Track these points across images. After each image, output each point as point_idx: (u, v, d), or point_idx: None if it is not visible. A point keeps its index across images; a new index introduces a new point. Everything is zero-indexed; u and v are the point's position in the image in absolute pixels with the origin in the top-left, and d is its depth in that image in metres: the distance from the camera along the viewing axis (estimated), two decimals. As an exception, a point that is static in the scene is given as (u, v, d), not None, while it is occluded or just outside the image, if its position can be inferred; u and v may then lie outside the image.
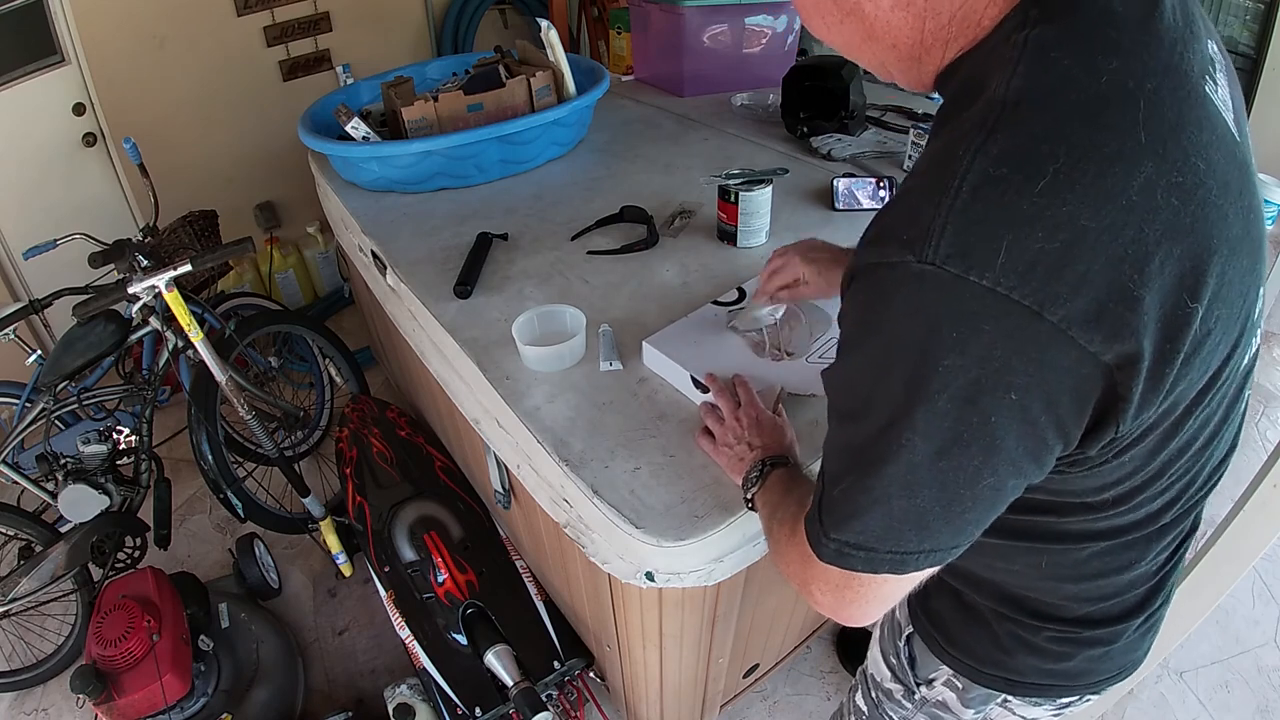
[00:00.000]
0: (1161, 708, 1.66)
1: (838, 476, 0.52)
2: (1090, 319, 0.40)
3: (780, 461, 0.82)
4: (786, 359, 1.04)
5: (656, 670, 1.23)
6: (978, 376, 0.42)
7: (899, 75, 0.56)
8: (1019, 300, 0.40)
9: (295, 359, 2.50)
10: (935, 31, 0.49)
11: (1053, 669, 0.73)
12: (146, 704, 1.37)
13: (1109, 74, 0.42)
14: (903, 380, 0.44)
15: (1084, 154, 0.40)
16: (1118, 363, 0.42)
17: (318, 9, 2.85)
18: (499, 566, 1.59)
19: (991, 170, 0.41)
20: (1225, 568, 1.22)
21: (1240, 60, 2.36)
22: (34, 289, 2.41)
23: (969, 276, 0.40)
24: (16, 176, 2.39)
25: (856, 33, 0.53)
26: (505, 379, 1.10)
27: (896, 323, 0.44)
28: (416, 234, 1.52)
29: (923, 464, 0.46)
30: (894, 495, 0.48)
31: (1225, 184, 0.44)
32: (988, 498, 0.48)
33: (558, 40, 1.79)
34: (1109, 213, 0.40)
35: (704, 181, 1.55)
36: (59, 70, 2.39)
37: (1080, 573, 0.65)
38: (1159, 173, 0.41)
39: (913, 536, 0.49)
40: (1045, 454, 0.47)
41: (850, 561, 0.52)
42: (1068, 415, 0.45)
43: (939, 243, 0.41)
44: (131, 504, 1.85)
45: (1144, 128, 0.41)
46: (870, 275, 0.46)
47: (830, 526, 0.52)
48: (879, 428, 0.47)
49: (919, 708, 0.87)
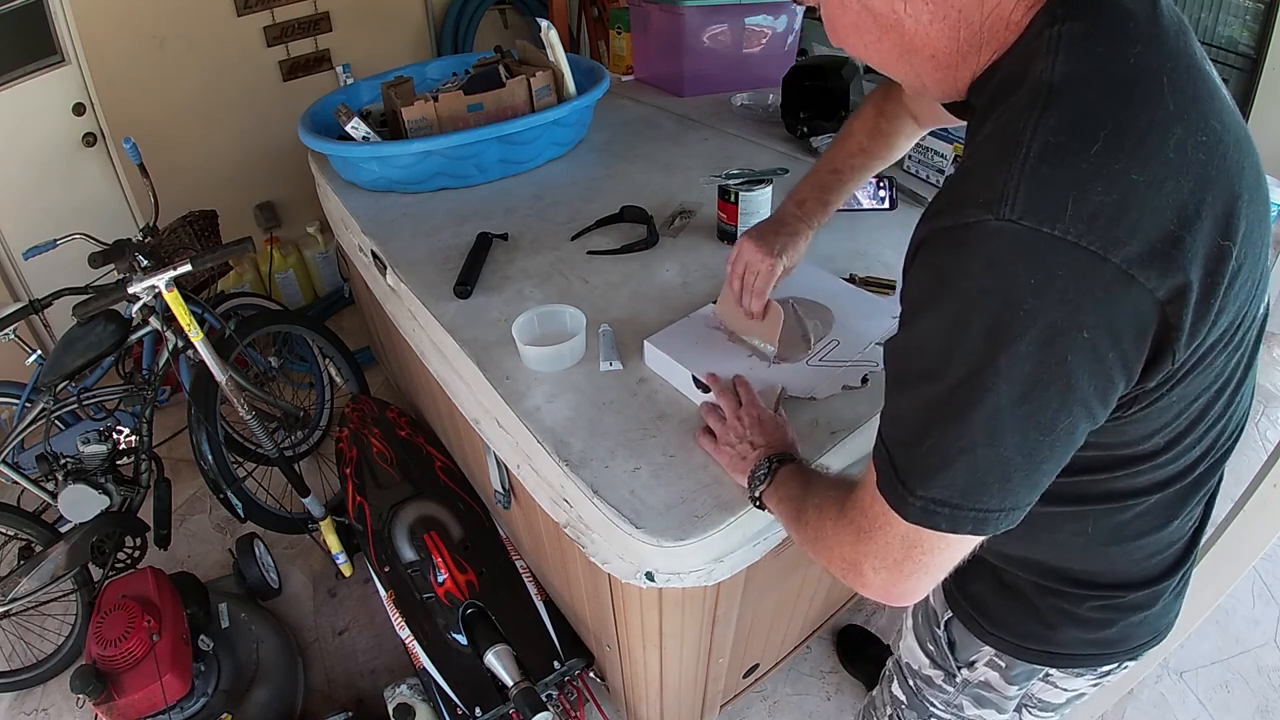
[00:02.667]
0: (1161, 708, 1.66)
1: (918, 436, 0.53)
2: (1145, 259, 0.45)
3: (786, 458, 0.82)
4: (790, 362, 1.04)
5: (656, 670, 1.23)
6: (1054, 319, 0.46)
7: (933, 85, 0.60)
8: (1086, 246, 0.45)
9: (295, 359, 2.50)
10: (969, 38, 0.54)
11: (1095, 637, 0.76)
12: (146, 704, 1.37)
13: (1134, 58, 0.48)
14: (984, 329, 0.48)
15: (1126, 121, 0.46)
16: (1169, 297, 0.47)
17: (318, 9, 2.85)
18: (499, 566, 1.59)
19: (1052, 138, 0.46)
20: (1225, 568, 1.22)
21: (1240, 60, 2.36)
22: (34, 289, 2.40)
23: (1042, 228, 0.45)
24: (16, 176, 2.38)
25: (895, 47, 0.57)
26: (505, 379, 1.10)
27: (976, 276, 0.48)
28: (416, 234, 1.52)
29: (1007, 408, 0.49)
30: (980, 444, 0.50)
31: (1238, 142, 0.51)
32: (1062, 443, 0.51)
33: (558, 40, 1.79)
34: (1153, 168, 0.46)
35: (704, 181, 1.55)
36: (59, 70, 2.39)
37: (1123, 534, 0.69)
38: (1187, 133, 0.47)
39: (996, 491, 0.52)
40: (1111, 393, 0.51)
41: (935, 520, 0.53)
42: (1131, 350, 0.49)
43: (1014, 201, 0.46)
44: (131, 504, 1.85)
45: (1170, 99, 0.48)
46: (947, 237, 0.50)
47: (916, 483, 0.53)
48: (961, 378, 0.49)
49: (961, 690, 0.90)
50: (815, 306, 1.14)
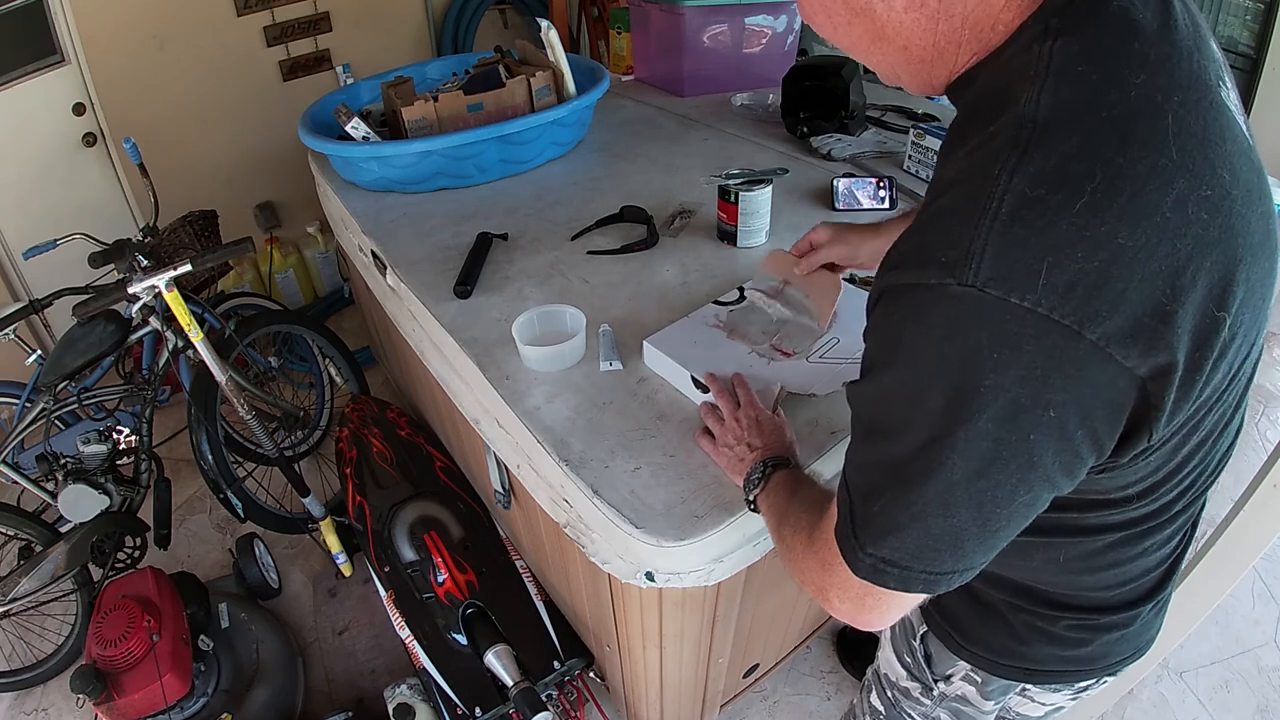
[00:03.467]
0: (1161, 708, 1.66)
1: (873, 492, 0.51)
2: (1127, 335, 0.41)
3: (781, 462, 0.82)
4: (786, 358, 1.04)
5: (656, 670, 1.23)
6: (1017, 396, 0.42)
7: (907, 79, 0.55)
8: (1059, 320, 0.40)
9: (295, 359, 2.50)
10: (948, 34, 0.49)
11: (1071, 655, 0.74)
12: (146, 704, 1.37)
13: (1137, 89, 0.42)
14: (942, 400, 0.44)
15: (1119, 173, 0.40)
16: (1151, 375, 0.43)
17: (318, 9, 2.85)
18: (499, 566, 1.59)
19: (1029, 191, 0.41)
20: (1225, 568, 1.22)
21: (1240, 60, 2.36)
22: (34, 289, 2.41)
23: (1010, 298, 0.40)
24: (16, 176, 2.39)
25: (866, 33, 0.52)
26: (505, 379, 1.10)
27: (935, 344, 0.44)
28: (416, 234, 1.52)
29: (961, 483, 0.46)
30: (931, 514, 0.48)
31: (1247, 192, 0.45)
32: (1021, 514, 0.49)
33: (558, 40, 1.79)
34: (1144, 231, 0.40)
35: (704, 181, 1.55)
36: (59, 70, 2.39)
37: (1096, 564, 0.66)
38: (1189, 188, 0.41)
39: (947, 556, 0.50)
40: (1079, 467, 0.47)
41: (884, 578, 0.52)
42: (1102, 428, 0.45)
43: (979, 265, 0.41)
44: (131, 504, 1.85)
45: (1174, 143, 0.41)
46: (906, 295, 0.46)
47: (866, 541, 0.52)
48: (916, 447, 0.47)
49: (938, 703, 0.89)
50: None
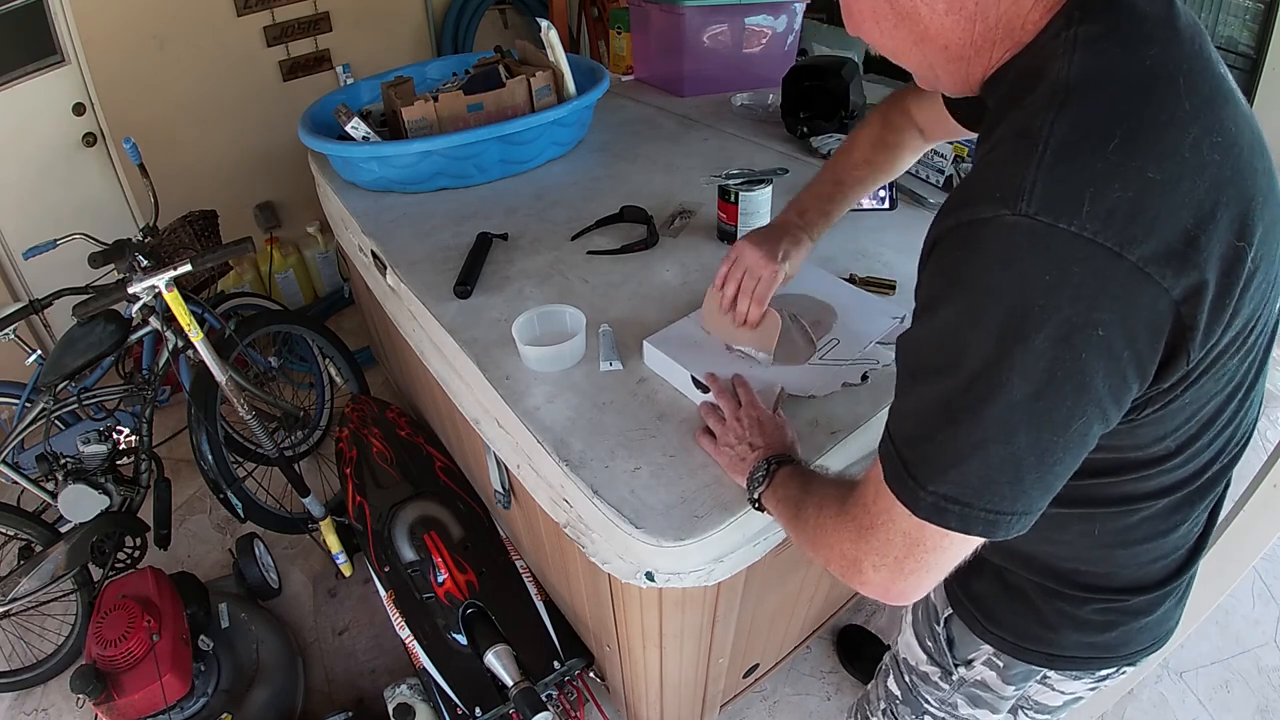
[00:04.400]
0: (1161, 708, 1.66)
1: (930, 431, 0.53)
2: (1162, 257, 0.45)
3: (784, 460, 0.82)
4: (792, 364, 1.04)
5: (656, 670, 1.23)
6: (1069, 315, 0.46)
7: (945, 77, 0.60)
8: (1103, 243, 0.45)
9: (295, 359, 2.50)
10: (984, 33, 0.55)
11: (1095, 641, 0.76)
12: (146, 704, 1.37)
13: (1151, 59, 0.49)
14: (999, 324, 0.47)
15: (1143, 120, 0.46)
16: (1184, 296, 0.47)
17: (318, 9, 2.85)
18: (499, 566, 1.59)
19: (1068, 136, 0.47)
20: (1225, 568, 1.22)
21: (1240, 60, 2.35)
22: (34, 289, 2.41)
23: (1059, 224, 0.45)
24: (16, 176, 2.38)
25: (909, 36, 0.57)
26: (505, 379, 1.10)
27: (991, 271, 0.48)
28: (416, 234, 1.52)
29: (1020, 405, 0.48)
30: (992, 440, 0.50)
31: (1251, 145, 0.51)
32: (1075, 445, 0.51)
33: (558, 40, 1.79)
34: (1169, 166, 0.46)
35: (704, 181, 1.55)
36: (59, 70, 2.39)
37: (1130, 538, 0.69)
38: (1203, 133, 0.47)
39: (1007, 491, 0.51)
40: (1125, 394, 0.50)
41: (946, 517, 0.53)
42: (1145, 350, 0.49)
43: (1031, 196, 0.46)
44: (131, 504, 1.85)
45: (1186, 99, 0.48)
46: (962, 232, 0.50)
47: (927, 479, 0.53)
48: (974, 373, 0.49)
49: (957, 688, 0.90)
50: (817, 304, 1.15)
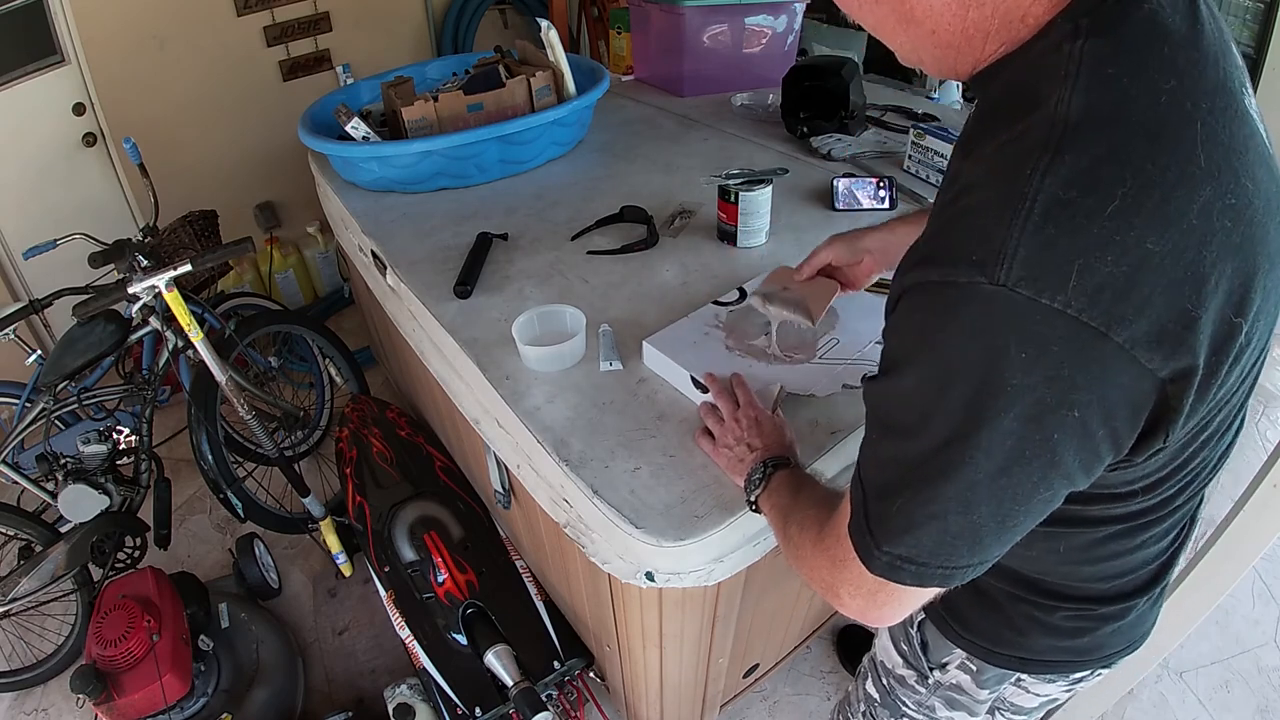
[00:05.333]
0: (1161, 708, 1.66)
1: (889, 489, 0.51)
2: (1153, 339, 0.42)
3: (782, 462, 0.82)
4: (789, 361, 1.04)
5: (656, 670, 1.23)
6: (1043, 395, 0.43)
7: (930, 62, 0.55)
8: (1088, 322, 0.41)
9: (295, 359, 2.50)
10: (978, 22, 0.49)
11: (1067, 645, 0.75)
12: (146, 704, 1.37)
13: (1167, 94, 0.42)
14: (966, 399, 0.45)
15: (1149, 179, 0.41)
16: (1172, 377, 0.43)
17: (318, 9, 2.85)
18: (499, 566, 1.59)
19: (1061, 193, 0.41)
20: (1225, 568, 1.22)
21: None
22: (34, 289, 2.41)
23: (1041, 299, 0.41)
24: (16, 176, 2.39)
25: (893, 13, 0.52)
26: (505, 379, 1.10)
27: (961, 341, 0.44)
28: (416, 234, 1.52)
29: (983, 482, 0.46)
30: (951, 512, 0.48)
31: (1268, 200, 0.46)
32: (1038, 510, 0.49)
33: (558, 40, 1.79)
34: (1172, 237, 0.41)
35: (704, 181, 1.55)
36: (59, 70, 2.39)
37: (1095, 554, 0.67)
38: (1215, 195, 0.42)
39: (965, 552, 0.50)
40: (1097, 465, 0.48)
41: (901, 575, 0.52)
42: (1122, 428, 0.46)
43: (1012, 264, 0.41)
44: (131, 504, 1.85)
45: (1202, 151, 0.42)
46: (932, 293, 0.46)
47: (883, 539, 0.52)
48: (937, 445, 0.47)
49: (933, 691, 0.89)
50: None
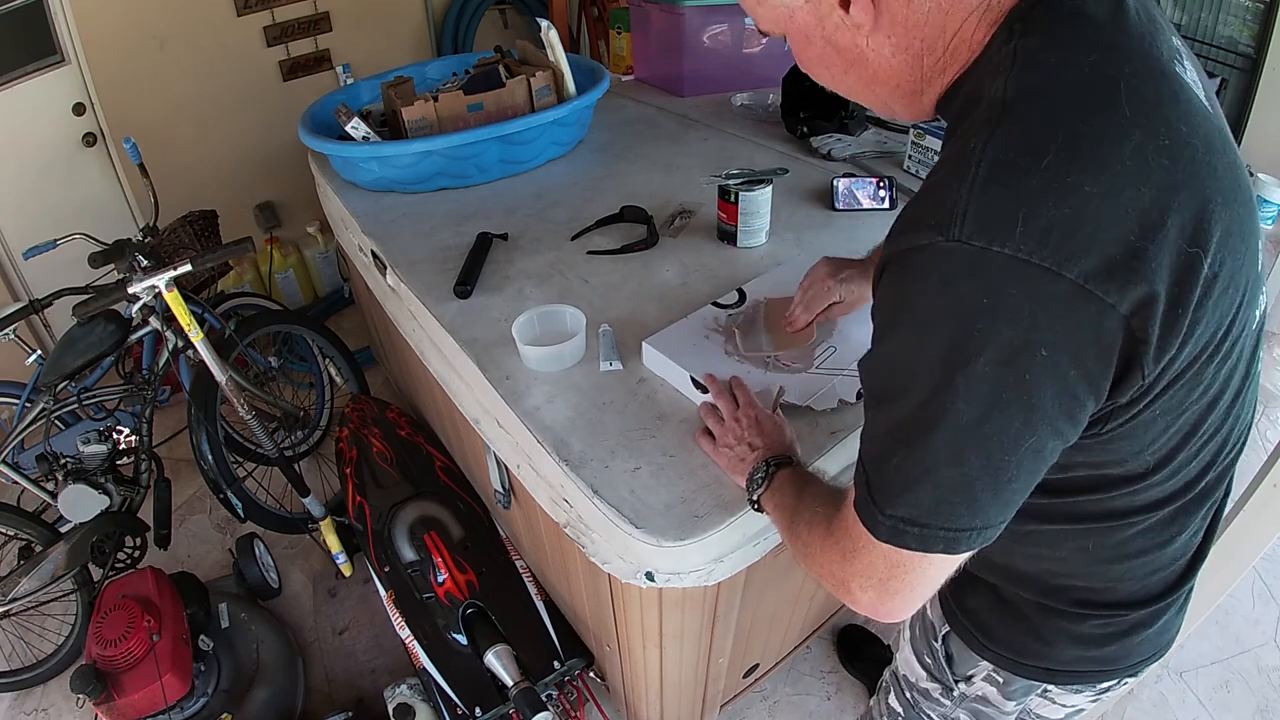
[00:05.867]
0: (1161, 708, 1.66)
1: (885, 455, 0.54)
2: (1104, 272, 0.45)
3: (784, 461, 0.82)
4: (787, 370, 1.04)
5: (656, 670, 1.23)
6: (1009, 338, 0.46)
7: (901, 110, 0.61)
8: (1039, 263, 0.44)
9: (295, 359, 2.50)
10: (932, 65, 0.55)
11: (1095, 655, 0.75)
12: (146, 704, 1.37)
13: (1090, 66, 0.48)
14: (941, 350, 0.48)
15: (1078, 132, 0.46)
16: (1133, 310, 0.46)
17: (318, 9, 2.85)
18: (499, 566, 1.59)
19: (1001, 156, 0.46)
20: (1225, 568, 1.22)
21: (1240, 60, 2.35)
22: (34, 289, 2.41)
23: (992, 248, 0.45)
24: (16, 176, 2.39)
25: (860, 79, 0.59)
26: (505, 379, 1.10)
27: (930, 298, 0.48)
28: (416, 234, 1.52)
29: (967, 429, 0.49)
30: (942, 463, 0.50)
31: (1209, 143, 0.49)
32: (1030, 462, 0.51)
33: (558, 40, 1.79)
34: (1107, 178, 0.45)
35: (704, 181, 1.55)
36: (59, 70, 2.39)
37: (1125, 551, 0.68)
38: (1146, 139, 0.46)
39: (964, 510, 0.52)
40: (1079, 411, 0.50)
41: (905, 539, 0.53)
42: (1095, 367, 0.48)
43: (963, 221, 0.46)
44: (131, 504, 1.85)
45: (1127, 104, 0.47)
46: (902, 260, 0.50)
47: (884, 503, 0.54)
48: (922, 400, 0.50)
49: (958, 704, 0.89)
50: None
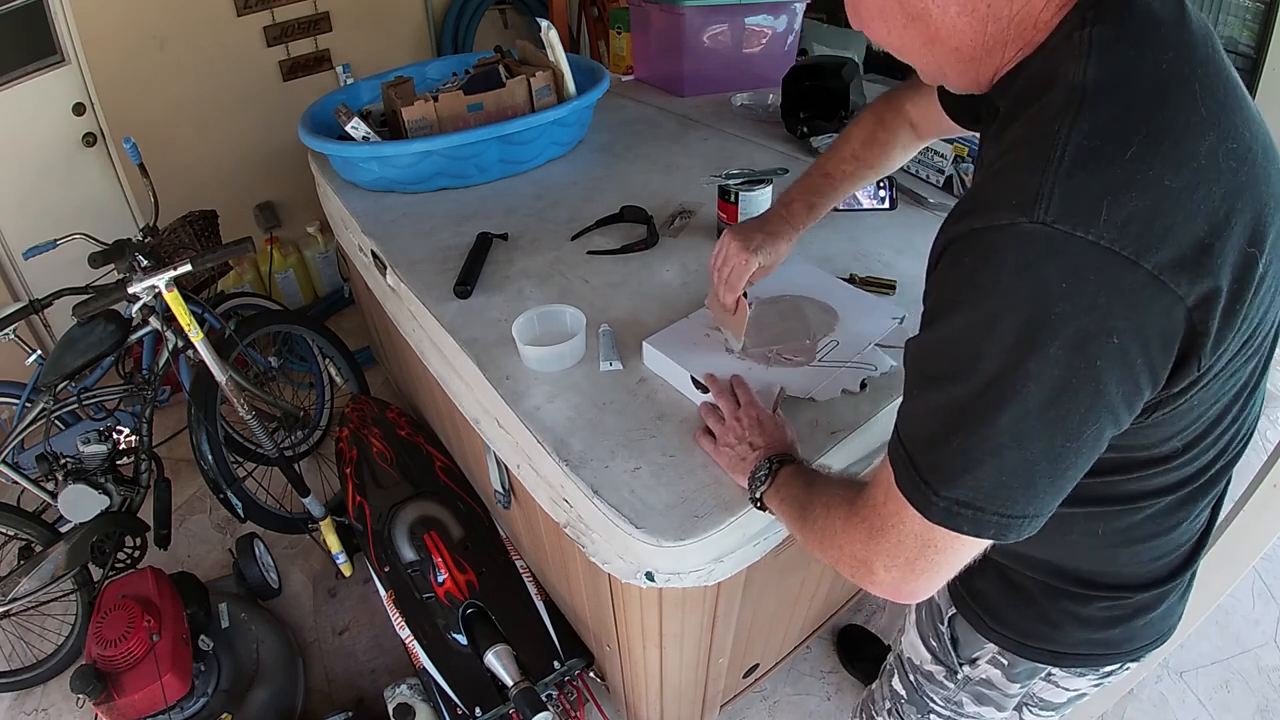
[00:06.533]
0: (1161, 708, 1.66)
1: (939, 437, 0.53)
2: (1177, 265, 0.46)
3: (786, 459, 0.82)
4: (787, 363, 1.04)
5: (656, 670, 1.23)
6: (1085, 323, 0.46)
7: (954, 76, 0.60)
8: (1119, 251, 0.45)
9: (295, 359, 2.50)
10: (996, 34, 0.55)
11: (1100, 638, 0.77)
12: (146, 704, 1.37)
13: (1167, 63, 0.49)
14: (1014, 331, 0.48)
15: (1160, 127, 0.47)
16: (1197, 303, 0.47)
17: (318, 9, 2.85)
18: (499, 566, 1.59)
19: (1086, 142, 0.47)
20: (1225, 568, 1.22)
21: (1240, 60, 2.35)
22: (34, 289, 2.41)
23: (1076, 233, 0.45)
24: (16, 176, 2.38)
25: (919, 36, 0.57)
26: (505, 379, 1.10)
27: (1007, 278, 0.48)
28: (416, 234, 1.52)
29: (1034, 412, 0.49)
30: (1006, 446, 0.50)
31: (1265, 150, 0.51)
32: (1088, 448, 0.52)
33: (558, 40, 1.79)
34: (1185, 174, 0.46)
35: (704, 181, 1.55)
36: (59, 70, 2.39)
37: (1134, 535, 0.69)
38: (1219, 140, 0.48)
39: (1020, 495, 0.52)
40: (1137, 399, 0.51)
41: (958, 521, 0.53)
42: (1158, 356, 0.49)
43: (1048, 204, 0.46)
44: (131, 504, 1.85)
45: (1202, 104, 0.48)
46: (976, 238, 0.50)
47: (940, 485, 0.53)
48: (989, 380, 0.49)
49: (962, 687, 0.90)
50: (817, 305, 1.15)
